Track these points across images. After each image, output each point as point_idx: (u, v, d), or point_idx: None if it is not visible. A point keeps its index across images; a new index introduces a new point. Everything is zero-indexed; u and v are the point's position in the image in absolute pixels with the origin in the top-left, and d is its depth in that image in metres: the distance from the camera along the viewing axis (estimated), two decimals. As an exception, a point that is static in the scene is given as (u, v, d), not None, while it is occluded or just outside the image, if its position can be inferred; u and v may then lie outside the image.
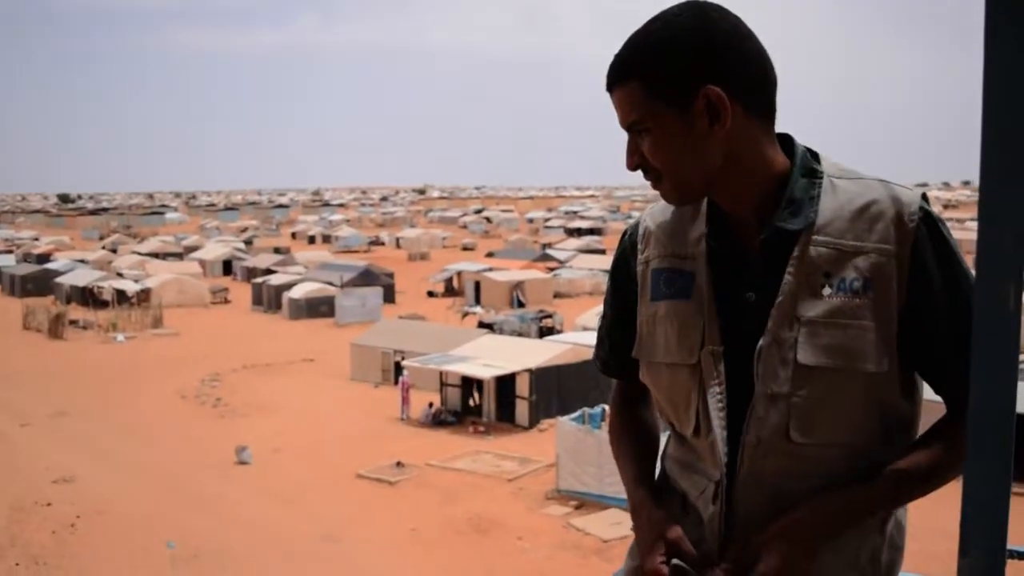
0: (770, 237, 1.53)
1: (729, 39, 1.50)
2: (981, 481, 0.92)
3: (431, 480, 22.26)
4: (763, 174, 1.55)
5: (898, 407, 1.54)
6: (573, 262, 60.67)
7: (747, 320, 1.54)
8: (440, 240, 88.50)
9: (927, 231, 1.50)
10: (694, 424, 1.59)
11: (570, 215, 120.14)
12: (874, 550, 1.58)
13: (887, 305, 1.48)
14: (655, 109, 1.50)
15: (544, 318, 39.42)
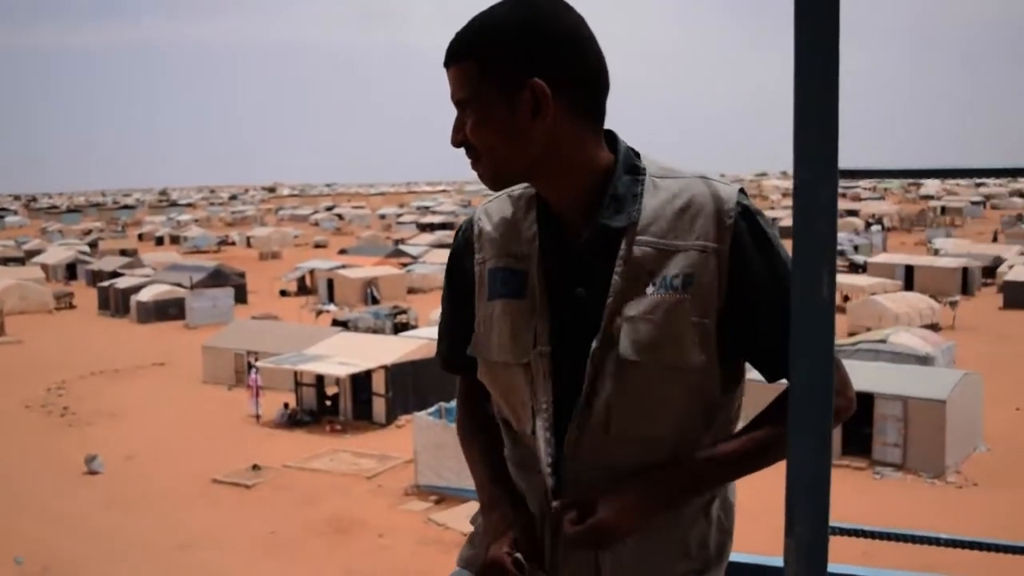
0: (594, 234, 1.56)
1: (566, 37, 1.52)
2: (803, 461, 0.95)
3: (288, 482, 21.92)
4: (585, 171, 1.57)
5: (720, 400, 1.59)
6: (426, 257, 60.58)
7: (579, 317, 1.56)
8: (291, 238, 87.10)
9: (746, 225, 1.54)
10: (531, 424, 1.61)
11: (422, 210, 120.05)
12: (702, 535, 1.63)
13: (707, 301, 1.52)
14: (483, 91, 1.52)
15: (399, 314, 39.25)
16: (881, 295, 40.77)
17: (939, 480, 21.22)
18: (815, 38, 0.92)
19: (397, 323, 37.95)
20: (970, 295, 48.20)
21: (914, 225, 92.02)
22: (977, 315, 42.26)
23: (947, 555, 2.18)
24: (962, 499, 20.03)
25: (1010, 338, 36.40)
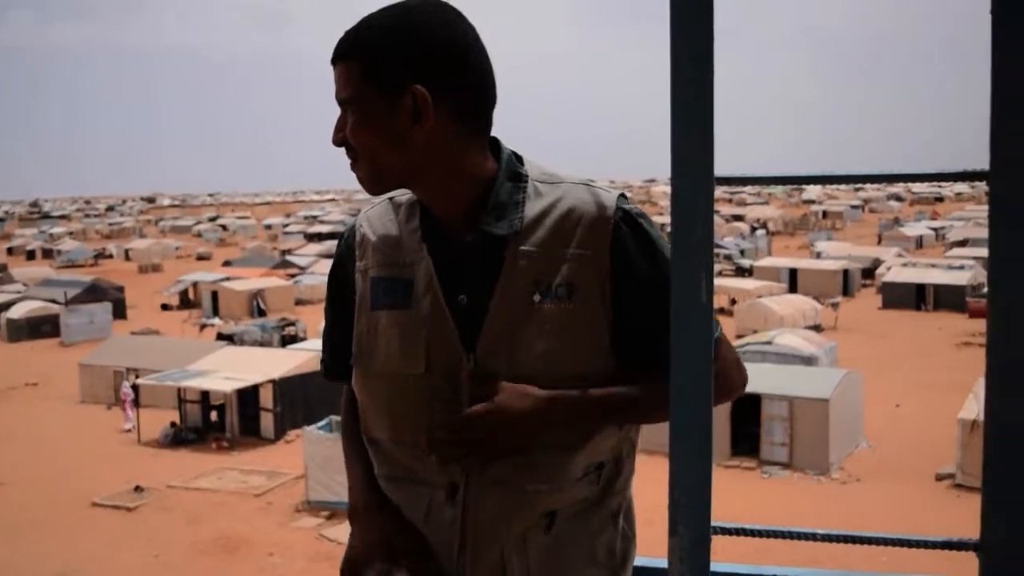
0: (477, 241, 1.56)
1: (453, 46, 1.52)
2: (685, 463, 0.96)
3: (173, 502, 21.37)
4: (467, 179, 1.57)
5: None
6: (314, 268, 59.78)
7: (465, 326, 1.56)
8: (173, 250, 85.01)
9: (628, 230, 1.56)
10: (423, 434, 1.58)
11: (310, 220, 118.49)
12: (610, 542, 1.64)
13: (593, 308, 1.54)
14: (365, 93, 1.51)
15: (286, 326, 38.67)
16: (767, 298, 41.79)
17: (824, 477, 21.83)
18: (690, 47, 0.94)
19: (285, 336, 37.37)
20: (851, 296, 49.80)
21: (797, 229, 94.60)
22: (858, 315, 43.68)
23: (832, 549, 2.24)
24: (846, 494, 20.63)
25: (889, 337, 37.71)
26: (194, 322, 44.44)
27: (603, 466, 1.61)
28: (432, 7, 1.53)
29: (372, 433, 1.67)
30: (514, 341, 1.53)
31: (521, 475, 1.55)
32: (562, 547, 1.58)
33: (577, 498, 1.59)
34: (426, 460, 1.59)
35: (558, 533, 1.57)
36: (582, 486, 1.58)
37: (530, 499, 1.55)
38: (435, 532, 1.59)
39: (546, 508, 1.56)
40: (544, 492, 1.55)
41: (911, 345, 35.83)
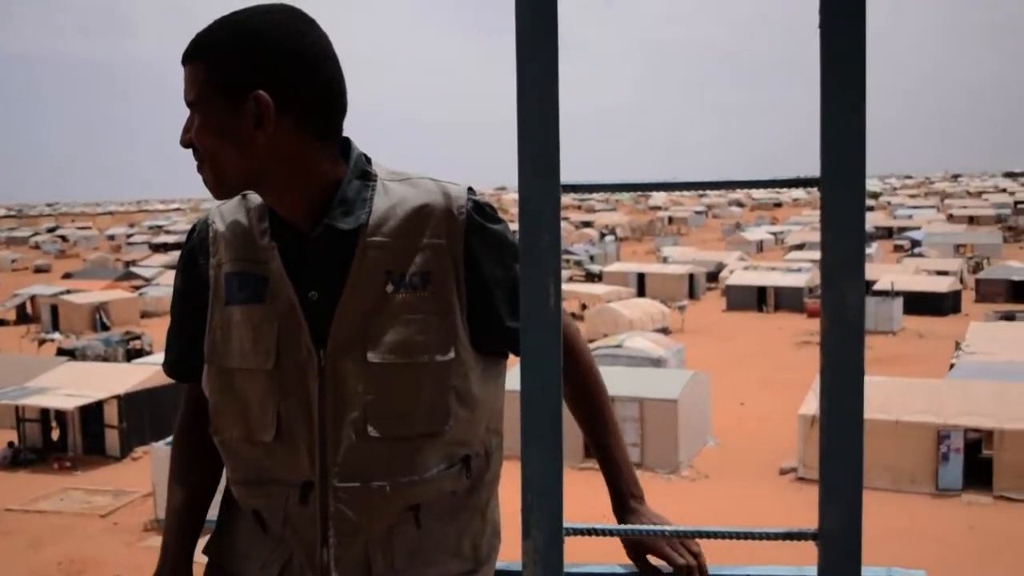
0: (322, 236, 1.56)
1: (302, 54, 1.52)
2: (536, 466, 0.97)
3: (12, 527, 20.40)
4: (313, 184, 1.57)
5: (477, 391, 1.62)
6: (160, 279, 57.98)
7: (319, 321, 1.56)
8: (9, 263, 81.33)
9: (478, 219, 1.60)
10: (274, 430, 1.58)
11: (155, 230, 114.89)
12: (476, 536, 1.66)
13: (447, 296, 1.56)
14: (211, 95, 1.51)
15: (131, 340, 37.44)
16: (616, 302, 42.63)
17: (674, 475, 22.38)
18: (535, 56, 0.95)
19: (130, 350, 36.18)
20: (696, 299, 51.25)
21: (644, 235, 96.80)
22: (703, 318, 44.97)
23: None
24: (695, 491, 21.21)
25: (733, 338, 38.94)
26: (32, 337, 42.54)
27: (470, 459, 1.63)
28: (282, 14, 1.53)
29: (223, 433, 1.65)
30: (367, 333, 1.54)
31: (379, 468, 1.55)
32: (427, 541, 1.59)
33: (444, 491, 1.60)
34: (278, 458, 1.57)
35: (425, 527, 1.58)
36: (447, 479, 1.60)
37: (390, 492, 1.55)
38: (296, 533, 1.58)
39: (408, 501, 1.57)
40: (404, 485, 1.56)
41: (754, 345, 37.10)
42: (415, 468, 1.56)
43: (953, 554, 17.11)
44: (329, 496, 1.55)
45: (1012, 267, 57.26)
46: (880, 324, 42.36)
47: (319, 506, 1.56)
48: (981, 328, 31.63)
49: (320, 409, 1.56)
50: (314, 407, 1.56)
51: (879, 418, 21.31)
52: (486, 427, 1.66)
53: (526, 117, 0.95)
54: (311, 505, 1.56)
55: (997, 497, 20.23)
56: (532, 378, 0.97)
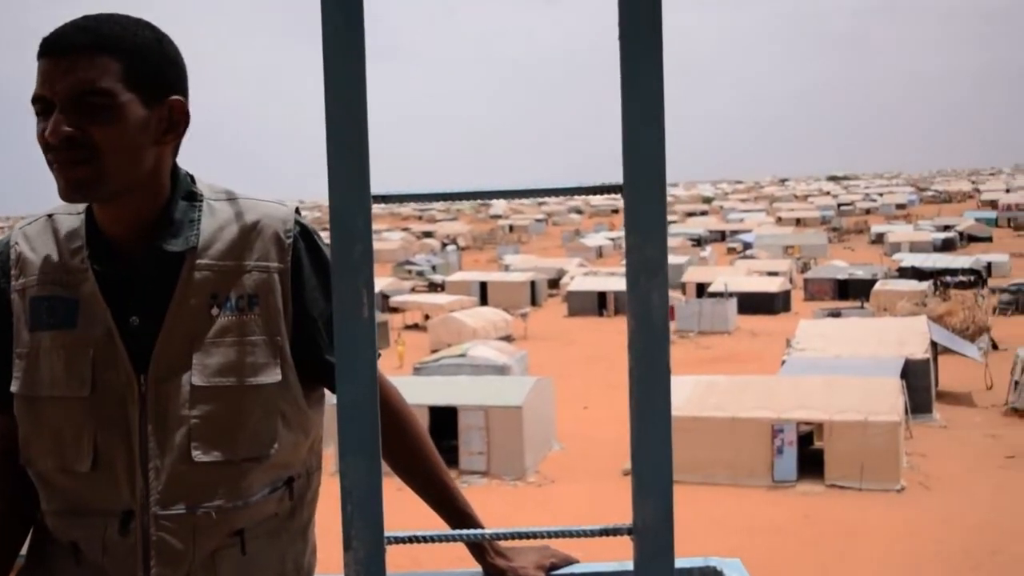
0: (151, 259, 1.53)
1: (185, 67, 1.55)
2: (356, 478, 0.97)
3: None
4: (158, 197, 1.55)
5: (303, 414, 1.61)
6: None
7: (140, 346, 1.52)
8: None
9: (304, 244, 1.59)
10: (91, 460, 1.52)
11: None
12: (297, 557, 1.64)
13: (275, 319, 1.55)
14: (124, 93, 1.46)
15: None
16: (459, 311, 42.79)
17: (521, 481, 22.58)
18: (342, 67, 0.95)
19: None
20: (539, 306, 51.94)
21: (486, 243, 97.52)
22: (545, 324, 45.57)
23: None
24: (542, 496, 21.45)
25: (575, 343, 39.60)
26: None
27: (293, 481, 1.61)
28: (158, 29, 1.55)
29: (36, 465, 1.58)
30: (192, 357, 1.51)
31: (204, 493, 1.52)
32: (252, 564, 1.56)
33: (268, 514, 1.58)
34: (95, 487, 1.52)
35: (249, 551, 1.56)
36: (271, 502, 1.58)
37: (216, 518, 1.52)
38: (115, 564, 1.52)
39: (234, 526, 1.54)
40: (230, 510, 1.53)
41: (595, 349, 37.79)
42: (241, 493, 1.53)
43: (790, 543, 17.82)
44: (151, 524, 1.50)
45: (837, 266, 60.16)
46: (716, 324, 43.83)
47: (140, 535, 1.51)
48: (810, 325, 33.00)
49: (141, 436, 1.51)
50: (134, 434, 1.51)
51: (716, 415, 22.04)
52: (309, 448, 1.65)
53: (335, 128, 0.95)
54: (132, 534, 1.51)
55: (829, 486, 21.16)
56: (348, 390, 0.97)
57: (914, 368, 26.96)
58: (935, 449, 23.73)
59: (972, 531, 18.11)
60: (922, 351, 27.97)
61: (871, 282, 50.61)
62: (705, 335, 43.23)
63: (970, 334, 35.69)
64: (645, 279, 0.95)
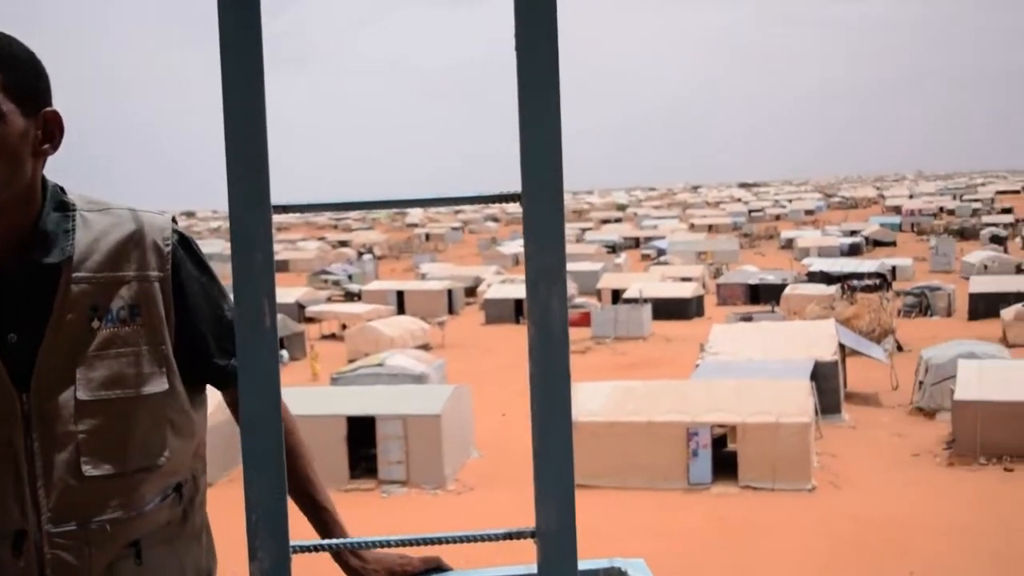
0: (25, 273, 1.50)
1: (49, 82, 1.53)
2: (259, 487, 0.97)
3: None
4: (32, 208, 1.52)
5: (189, 420, 1.61)
6: None
7: (19, 363, 1.49)
8: None
9: (183, 252, 1.59)
10: None
11: None
12: (196, 561, 1.65)
13: (158, 328, 1.54)
14: (6, 103, 1.43)
15: None
16: (376, 321, 42.56)
17: (440, 490, 22.51)
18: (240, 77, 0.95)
19: None
20: (456, 314, 51.89)
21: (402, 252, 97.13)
22: (463, 332, 45.53)
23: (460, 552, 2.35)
24: (461, 504, 21.42)
25: (493, 351, 39.61)
26: None
27: (181, 486, 1.61)
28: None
29: None
30: (75, 371, 1.49)
31: (97, 507, 1.50)
32: (149, 574, 1.56)
33: (160, 522, 1.57)
34: None
35: (146, 560, 1.55)
36: (163, 510, 1.58)
37: (111, 531, 1.51)
38: None
39: (129, 538, 1.53)
40: (124, 521, 1.52)
41: (513, 356, 37.73)
42: (134, 504, 1.53)
43: (706, 544, 18.06)
44: (44, 543, 1.48)
45: (748, 271, 61.24)
46: (631, 330, 44.25)
47: (35, 554, 1.48)
48: (722, 330, 33.54)
49: (28, 454, 1.48)
50: (20, 453, 1.48)
51: (632, 420, 22.26)
52: (195, 453, 1.64)
53: (233, 139, 0.95)
54: (26, 555, 1.48)
55: (743, 487, 21.50)
56: (251, 402, 0.97)
57: (823, 370, 27.56)
58: (844, 449, 24.27)
59: (881, 528, 18.57)
60: (831, 353, 28.61)
61: (781, 286, 51.63)
62: (621, 341, 43.64)
63: (876, 336, 36.62)
64: (544, 286, 0.97)
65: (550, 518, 0.99)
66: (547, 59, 0.96)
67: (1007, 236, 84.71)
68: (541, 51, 0.97)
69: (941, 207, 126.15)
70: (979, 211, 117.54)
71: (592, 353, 41.34)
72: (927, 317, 47.50)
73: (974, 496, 20.52)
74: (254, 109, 0.96)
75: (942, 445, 24.33)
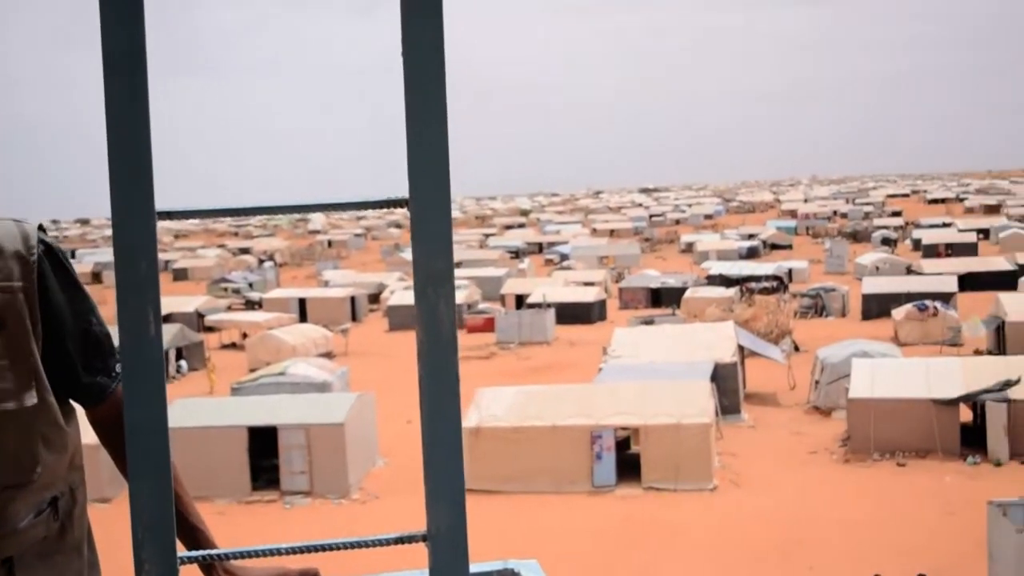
0: None
1: None
2: (145, 499, 0.96)
3: None
4: None
5: (62, 433, 1.57)
6: None
7: None
8: None
9: (49, 262, 1.55)
10: None
11: None
12: (78, 572, 1.61)
13: (23, 340, 1.50)
14: None
15: None
16: (278, 329, 42.02)
17: (345, 499, 22.31)
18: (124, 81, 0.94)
19: None
20: (359, 321, 51.50)
21: (304, 259, 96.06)
22: (367, 339, 45.21)
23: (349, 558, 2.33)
24: (366, 513, 21.25)
25: (396, 357, 39.39)
26: None
27: (57, 500, 1.57)
28: None
29: None
30: None
31: None
32: None
33: (35, 538, 1.53)
34: None
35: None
36: (39, 525, 1.53)
37: None
38: None
39: (1, 556, 1.49)
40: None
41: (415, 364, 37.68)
42: (6, 521, 1.48)
43: (610, 545, 18.24)
44: None
45: (649, 275, 62.08)
46: (535, 335, 44.49)
47: None
48: (624, 333, 33.91)
49: None
50: None
51: (537, 424, 22.37)
52: (70, 464, 1.60)
53: (116, 144, 0.94)
54: None
55: (646, 489, 21.78)
56: (135, 413, 0.95)
57: (723, 371, 28.09)
58: (744, 448, 24.77)
59: (780, 524, 18.99)
60: (730, 355, 29.16)
61: (682, 290, 52.44)
62: (525, 346, 43.83)
63: (774, 337, 37.46)
64: (432, 290, 0.98)
65: (441, 521, 1.00)
66: (433, 66, 0.97)
67: (897, 238, 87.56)
68: (427, 58, 0.97)
69: (835, 211, 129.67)
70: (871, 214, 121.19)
71: (496, 358, 41.44)
72: (822, 318, 48.76)
73: (869, 491, 21.13)
74: (137, 117, 0.94)
75: (838, 442, 25.00)
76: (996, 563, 14.10)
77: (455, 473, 0.99)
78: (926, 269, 56.96)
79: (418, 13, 0.96)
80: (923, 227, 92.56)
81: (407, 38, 0.97)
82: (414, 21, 0.96)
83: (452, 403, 0.98)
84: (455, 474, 0.99)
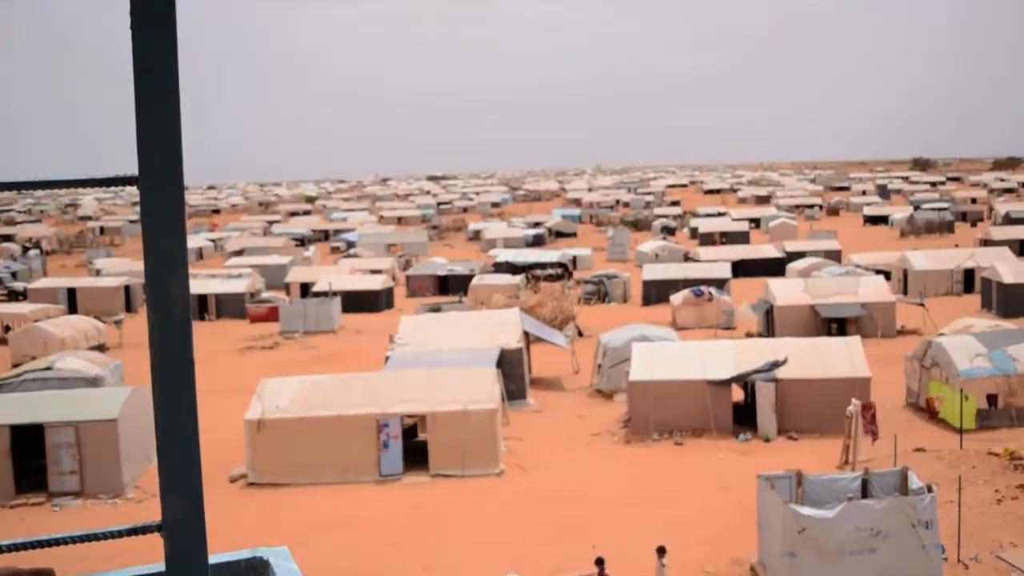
0: None
1: None
2: None
3: None
4: None
5: None
6: None
7: None
8: None
9: None
10: None
11: None
12: None
13: None
14: None
15: None
16: (45, 321, 39.82)
17: (119, 499, 21.37)
18: None
19: None
20: (135, 312, 49.41)
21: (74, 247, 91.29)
22: (143, 331, 43.24)
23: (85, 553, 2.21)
24: (142, 512, 20.42)
25: (175, 349, 38.03)
26: None
27: None
28: None
29: None
30: None
31: None
32: None
33: None
34: None
35: None
36: None
37: None
38: None
39: None
40: None
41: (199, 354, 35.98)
42: None
43: (398, 533, 18.23)
44: None
45: (437, 263, 62.40)
46: (321, 324, 43.93)
47: None
48: (411, 321, 33.94)
49: None
50: None
51: (322, 415, 22.09)
52: None
53: None
54: None
55: (434, 476, 21.89)
56: None
57: (509, 357, 28.58)
58: (530, 432, 25.29)
59: (564, 504, 19.51)
60: (516, 341, 29.68)
61: (469, 277, 53.01)
62: (311, 335, 43.22)
63: (558, 323, 38.42)
64: (166, 273, 0.94)
65: (176, 511, 0.96)
66: (164, 39, 0.93)
67: (676, 227, 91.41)
68: (158, 30, 0.93)
69: (618, 200, 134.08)
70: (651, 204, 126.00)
71: (280, 348, 40.67)
72: (605, 304, 50.37)
73: (648, 469, 22.00)
74: None
75: (619, 424, 25.89)
76: (765, 531, 15.00)
77: (192, 461, 0.96)
78: (702, 256, 59.73)
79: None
80: (700, 216, 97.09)
81: (136, 13, 0.93)
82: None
83: (188, 389, 0.95)
84: (192, 462, 0.96)
